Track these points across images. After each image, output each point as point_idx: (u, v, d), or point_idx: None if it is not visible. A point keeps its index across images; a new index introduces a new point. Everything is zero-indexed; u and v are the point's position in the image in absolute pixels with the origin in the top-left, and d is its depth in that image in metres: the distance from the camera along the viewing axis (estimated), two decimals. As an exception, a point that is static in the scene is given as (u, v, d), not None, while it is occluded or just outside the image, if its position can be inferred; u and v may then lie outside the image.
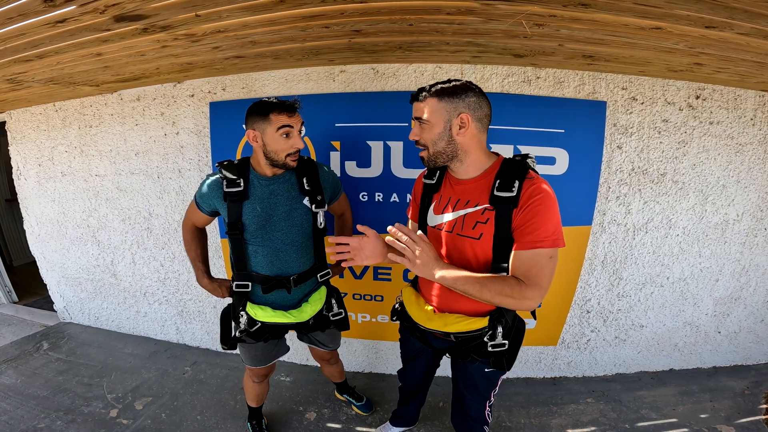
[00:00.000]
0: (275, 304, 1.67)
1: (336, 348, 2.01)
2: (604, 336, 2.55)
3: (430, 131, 1.25)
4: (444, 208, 1.37)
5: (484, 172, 1.30)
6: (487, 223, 1.25)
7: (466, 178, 1.33)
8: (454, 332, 1.39)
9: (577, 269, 2.34)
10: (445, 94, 1.22)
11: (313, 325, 1.77)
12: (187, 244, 1.77)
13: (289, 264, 1.64)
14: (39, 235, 3.24)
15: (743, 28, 1.21)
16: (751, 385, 2.51)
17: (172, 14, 1.23)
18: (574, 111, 2.07)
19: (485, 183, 1.28)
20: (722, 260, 2.40)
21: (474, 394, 1.56)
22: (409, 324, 1.58)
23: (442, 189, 1.41)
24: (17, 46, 1.47)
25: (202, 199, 1.62)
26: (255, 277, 1.63)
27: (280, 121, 1.45)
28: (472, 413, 1.62)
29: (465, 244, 1.30)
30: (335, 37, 1.59)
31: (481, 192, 1.28)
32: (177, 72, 2.13)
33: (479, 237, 1.26)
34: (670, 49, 1.51)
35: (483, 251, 1.28)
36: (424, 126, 1.25)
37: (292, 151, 1.50)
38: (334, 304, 1.81)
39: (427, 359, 1.74)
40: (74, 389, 2.51)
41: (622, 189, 2.22)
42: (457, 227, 1.31)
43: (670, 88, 2.08)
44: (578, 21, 1.29)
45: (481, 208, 1.27)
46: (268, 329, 1.71)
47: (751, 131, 2.16)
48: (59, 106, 2.78)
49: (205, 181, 1.61)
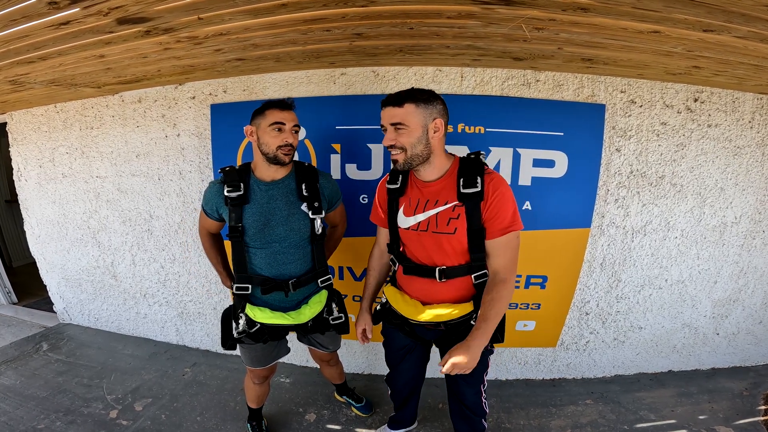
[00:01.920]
0: (274, 305, 1.69)
1: (336, 350, 2.02)
2: (603, 338, 2.56)
3: (409, 135, 1.33)
4: (415, 210, 1.47)
5: (447, 172, 1.43)
6: (459, 218, 1.38)
7: (432, 180, 1.45)
8: (445, 321, 1.48)
9: (576, 271, 2.34)
10: (421, 100, 1.32)
11: (312, 327, 1.77)
12: (207, 250, 1.90)
13: (287, 267, 1.66)
14: (39, 236, 3.24)
15: (740, 31, 1.23)
16: (750, 387, 2.51)
17: (175, 17, 1.25)
18: (573, 114, 2.08)
19: (450, 182, 1.41)
20: (720, 262, 2.41)
21: (468, 378, 1.57)
22: (397, 321, 1.63)
23: (408, 192, 1.51)
24: (20, 47, 1.49)
25: (207, 205, 1.69)
26: (254, 278, 1.66)
27: (273, 116, 1.52)
28: (468, 403, 1.66)
29: (442, 240, 1.42)
30: (336, 40, 1.61)
31: (448, 191, 1.41)
32: (178, 74, 2.14)
33: (454, 231, 1.39)
34: (668, 53, 1.52)
35: (459, 243, 1.41)
36: (402, 130, 1.33)
37: (283, 144, 1.53)
38: (334, 308, 1.82)
39: (417, 354, 1.77)
40: (74, 390, 2.51)
41: (621, 192, 2.23)
42: (432, 225, 1.43)
43: (669, 91, 2.09)
44: (577, 25, 1.30)
45: (451, 205, 1.40)
46: (267, 330, 1.71)
47: (749, 134, 2.17)
48: (60, 108, 2.79)
49: (208, 187, 1.68)
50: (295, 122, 1.56)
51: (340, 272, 2.42)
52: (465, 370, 1.33)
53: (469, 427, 1.74)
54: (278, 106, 1.54)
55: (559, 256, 2.27)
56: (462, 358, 1.31)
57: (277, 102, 1.55)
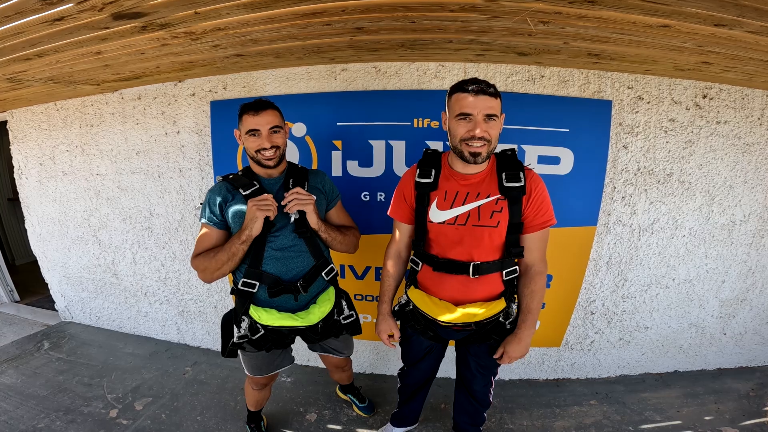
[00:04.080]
0: (282, 306, 1.58)
1: (350, 354, 1.94)
2: (608, 337, 2.52)
3: (497, 128, 1.32)
4: (453, 203, 1.42)
5: (488, 166, 1.43)
6: (502, 212, 1.39)
7: (473, 173, 1.42)
8: (480, 320, 1.48)
9: (582, 270, 2.31)
10: (498, 93, 1.31)
11: (323, 331, 1.67)
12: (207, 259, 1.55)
13: (291, 264, 1.56)
14: (40, 234, 3.24)
15: (753, 26, 1.19)
16: (756, 387, 2.48)
17: (170, 12, 1.22)
18: (579, 110, 2.05)
19: (490, 176, 1.42)
20: (729, 261, 2.37)
21: (486, 372, 1.66)
22: (420, 326, 1.60)
23: (441, 185, 1.46)
24: (15, 44, 1.46)
25: (214, 206, 1.55)
26: (265, 277, 1.54)
27: (247, 123, 1.49)
28: (479, 396, 1.71)
29: (483, 233, 1.40)
30: (336, 35, 1.57)
31: (489, 184, 1.41)
32: (177, 71, 2.11)
33: (497, 225, 1.39)
34: (678, 48, 1.48)
35: (499, 236, 1.41)
36: (494, 122, 1.30)
37: (259, 149, 1.49)
38: (344, 306, 1.73)
39: (436, 354, 1.77)
40: (74, 389, 2.50)
41: (628, 189, 2.19)
42: (473, 219, 1.40)
43: (677, 87, 2.05)
44: (584, 18, 1.26)
45: (494, 198, 1.39)
46: (272, 337, 1.61)
47: (758, 131, 2.13)
48: (60, 106, 2.77)
49: (215, 187, 1.60)
50: (272, 124, 1.48)
51: (342, 271, 2.39)
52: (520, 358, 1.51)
53: (470, 418, 1.78)
54: (252, 108, 1.48)
55: (564, 254, 2.24)
56: (516, 349, 1.47)
57: (251, 105, 1.49)
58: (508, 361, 1.50)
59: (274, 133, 1.50)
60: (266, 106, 1.50)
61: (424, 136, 2.10)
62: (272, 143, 1.49)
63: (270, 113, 1.50)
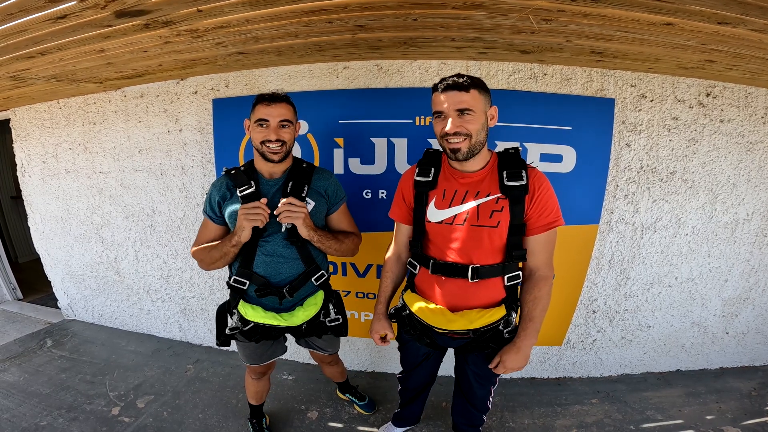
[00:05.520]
0: (267, 305, 1.62)
1: (335, 352, 1.97)
2: (610, 336, 2.52)
3: (475, 121, 1.26)
4: (451, 202, 1.39)
5: (488, 164, 1.38)
6: (503, 211, 1.32)
7: (473, 171, 1.38)
8: (478, 327, 1.42)
9: (584, 268, 2.31)
10: (482, 86, 1.27)
11: (307, 330, 1.71)
12: (205, 253, 1.61)
13: (280, 269, 1.57)
14: (43, 232, 3.25)
15: (757, 24, 1.18)
16: (759, 387, 2.48)
17: (173, 9, 1.22)
18: (582, 108, 2.04)
19: (491, 174, 1.36)
20: (731, 260, 2.37)
21: (485, 382, 1.61)
22: (418, 330, 1.55)
23: (441, 184, 1.42)
24: (19, 42, 1.47)
25: (213, 202, 1.60)
26: (255, 277, 1.58)
27: (258, 112, 1.48)
28: (477, 404, 1.67)
29: (482, 234, 1.34)
30: (339, 33, 1.57)
31: (489, 182, 1.36)
32: (180, 69, 2.12)
33: (497, 225, 1.33)
34: (682, 46, 1.48)
35: (500, 238, 1.35)
36: (470, 116, 1.25)
37: (264, 140, 1.48)
38: (331, 309, 1.74)
39: (434, 359, 1.74)
40: (77, 387, 2.51)
41: (631, 187, 2.18)
42: (472, 218, 1.35)
43: (681, 85, 2.04)
44: (587, 16, 1.26)
45: (495, 197, 1.34)
46: (260, 330, 1.66)
47: (762, 129, 2.12)
48: (63, 104, 2.78)
49: (216, 182, 1.63)
50: (283, 117, 1.48)
51: (344, 268, 2.39)
52: (517, 370, 1.41)
53: (467, 420, 1.76)
54: (266, 99, 1.48)
55: (566, 252, 2.22)
56: (514, 360, 1.38)
57: (266, 96, 1.48)
58: (504, 371, 1.42)
59: (283, 127, 1.49)
60: (281, 99, 1.50)
61: (425, 133, 2.09)
62: (278, 137, 1.48)
63: (283, 106, 1.49)
